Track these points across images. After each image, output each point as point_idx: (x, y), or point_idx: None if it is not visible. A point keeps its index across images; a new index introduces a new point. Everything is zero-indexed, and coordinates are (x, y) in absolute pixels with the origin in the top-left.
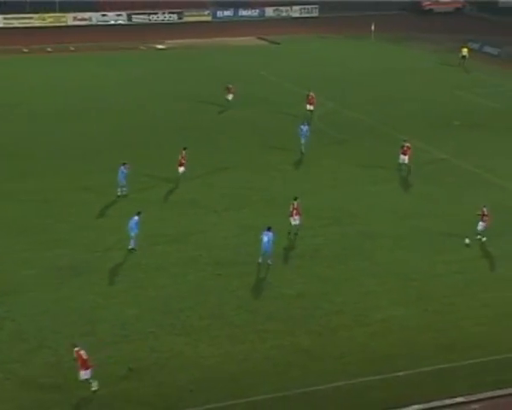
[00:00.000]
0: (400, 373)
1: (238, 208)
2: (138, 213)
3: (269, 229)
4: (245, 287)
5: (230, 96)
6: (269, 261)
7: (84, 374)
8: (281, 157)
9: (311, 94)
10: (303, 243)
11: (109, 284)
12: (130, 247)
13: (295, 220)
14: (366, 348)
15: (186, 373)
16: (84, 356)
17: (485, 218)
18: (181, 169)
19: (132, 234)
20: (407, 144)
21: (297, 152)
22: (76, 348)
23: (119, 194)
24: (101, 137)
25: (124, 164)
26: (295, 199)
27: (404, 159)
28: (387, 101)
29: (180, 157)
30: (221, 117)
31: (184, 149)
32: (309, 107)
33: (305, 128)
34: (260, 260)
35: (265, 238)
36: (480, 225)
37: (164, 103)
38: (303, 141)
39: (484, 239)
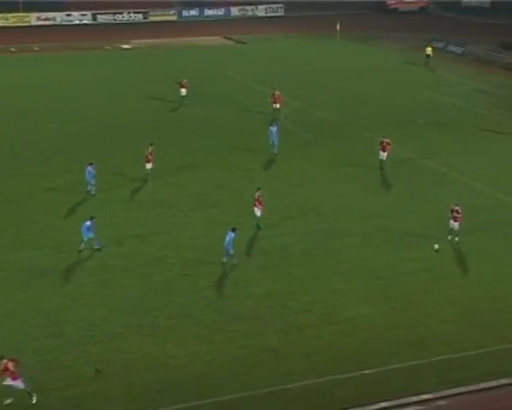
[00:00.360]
0: (368, 371)
1: (205, 208)
2: (91, 218)
3: (233, 230)
4: (212, 287)
5: (184, 91)
6: (234, 261)
7: (11, 381)
8: (248, 157)
9: (277, 92)
10: (270, 241)
11: (76, 286)
12: (80, 248)
13: (257, 211)
14: (333, 346)
15: (154, 374)
16: (12, 368)
17: (457, 217)
18: (148, 166)
19: (85, 238)
20: (386, 140)
21: (265, 152)
22: (4, 361)
23: (91, 192)
24: (65, 137)
25: (91, 164)
26: (258, 189)
27: (384, 155)
28: (353, 100)
29: (147, 153)
30: (187, 116)
31: (151, 144)
32: (275, 105)
33: (274, 129)
34: (224, 260)
35: (227, 238)
36: (453, 225)
37: (128, 103)
38: (271, 142)
39: (457, 239)
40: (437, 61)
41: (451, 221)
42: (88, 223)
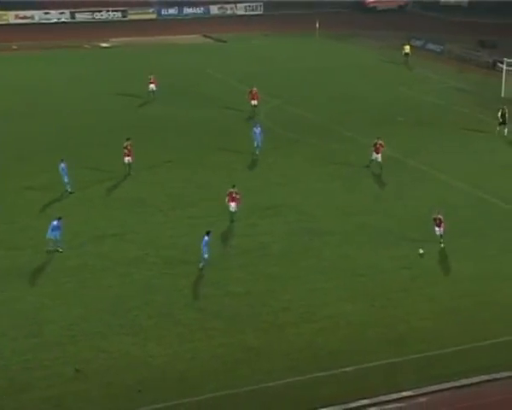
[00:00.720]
0: (348, 369)
1: (185, 207)
2: (59, 218)
3: (207, 233)
4: (192, 286)
5: (153, 87)
6: (201, 264)
7: None
8: (229, 156)
9: (254, 89)
10: (250, 240)
11: (55, 285)
12: (46, 249)
13: (232, 207)
14: (314, 344)
15: (134, 373)
16: None
17: (441, 224)
18: (126, 159)
19: (51, 237)
20: (380, 142)
21: (246, 150)
22: None
23: (67, 189)
24: (41, 137)
25: (62, 160)
26: (233, 186)
27: (377, 157)
28: (333, 98)
29: (124, 147)
30: (166, 115)
31: (127, 139)
32: (253, 102)
33: (257, 130)
34: (200, 266)
35: (202, 242)
36: (438, 231)
37: (107, 101)
38: (256, 144)
39: (442, 246)
40: (416, 59)
41: (436, 228)
42: (55, 222)
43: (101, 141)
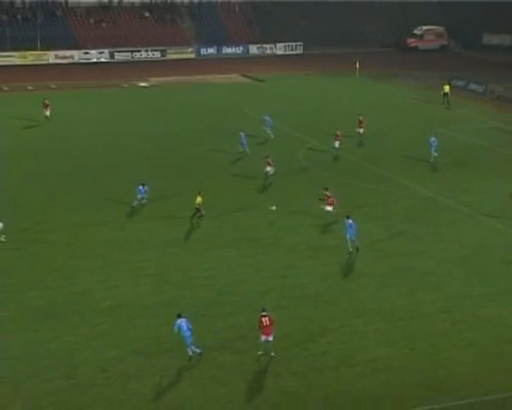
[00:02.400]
0: None
1: (221, 247)
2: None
3: (179, 316)
4: (228, 328)
5: (47, 113)
6: (189, 351)
7: None
8: (262, 196)
9: (361, 118)
10: (287, 281)
11: (90, 326)
12: None
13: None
14: (352, 388)
15: None
16: None
17: None
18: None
19: None
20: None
21: (279, 189)
22: None
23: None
24: (78, 175)
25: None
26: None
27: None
28: (370, 138)
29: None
30: (199, 155)
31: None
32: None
33: (242, 134)
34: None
35: (183, 324)
36: None
37: (142, 140)
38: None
39: None
40: (457, 99)
41: None
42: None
43: (134, 180)
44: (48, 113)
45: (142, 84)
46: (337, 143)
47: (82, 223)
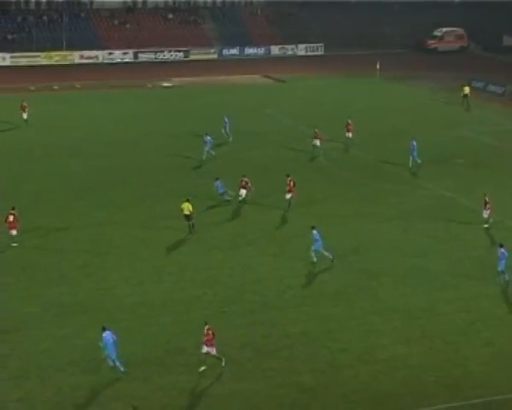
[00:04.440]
0: None
1: (243, 246)
2: None
3: (104, 329)
4: (249, 325)
5: (25, 115)
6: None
7: None
8: (281, 194)
9: (349, 121)
10: (306, 280)
11: (113, 322)
12: None
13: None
14: (370, 386)
15: None
16: None
17: (488, 206)
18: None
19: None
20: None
21: (302, 190)
22: None
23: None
24: (101, 174)
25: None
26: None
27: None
28: (388, 138)
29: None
30: (224, 156)
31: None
32: (347, 134)
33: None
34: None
35: (109, 337)
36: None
37: (163, 141)
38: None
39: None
40: (476, 100)
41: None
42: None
43: (157, 180)
44: (25, 116)
45: (166, 84)
46: (317, 142)
47: (106, 221)
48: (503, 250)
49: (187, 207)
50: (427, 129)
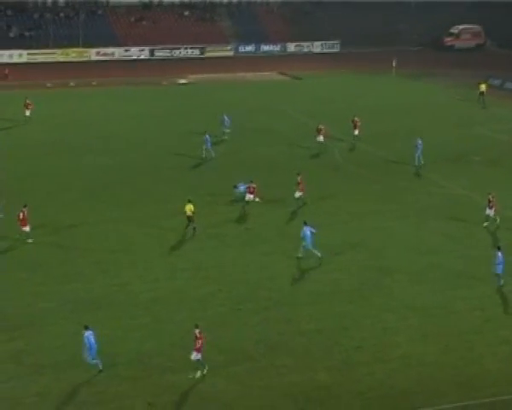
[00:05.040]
0: None
1: (257, 243)
2: None
3: (86, 327)
4: (264, 322)
5: (28, 112)
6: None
7: None
8: (290, 194)
9: (356, 119)
10: (321, 277)
11: (128, 318)
12: None
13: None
14: (385, 384)
15: (204, 408)
16: None
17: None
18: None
19: None
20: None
21: (313, 187)
22: None
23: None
24: (116, 171)
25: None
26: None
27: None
28: (404, 136)
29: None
30: (235, 152)
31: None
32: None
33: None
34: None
35: (91, 337)
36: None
37: (180, 139)
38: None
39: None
40: (493, 98)
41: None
42: None
43: (171, 176)
44: (28, 113)
45: (181, 81)
46: (321, 138)
47: (121, 218)
48: (499, 254)
49: (189, 209)
50: (442, 127)
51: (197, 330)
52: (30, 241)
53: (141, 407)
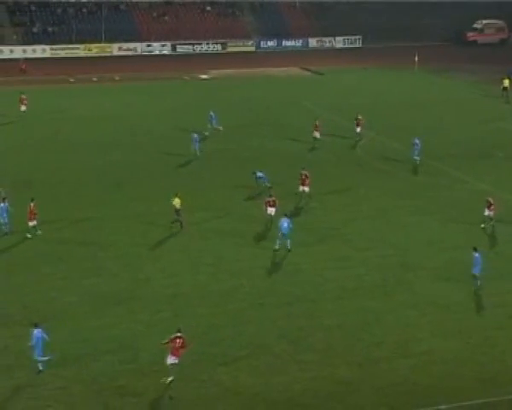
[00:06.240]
0: (442, 407)
1: (276, 239)
2: None
3: (36, 325)
4: (286, 317)
5: (23, 108)
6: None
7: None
8: (318, 188)
9: (359, 117)
10: (343, 273)
11: (150, 313)
12: None
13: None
14: (407, 380)
15: (225, 403)
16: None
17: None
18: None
19: None
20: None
21: (330, 180)
22: None
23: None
24: (136, 166)
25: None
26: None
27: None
28: (428, 131)
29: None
30: (261, 149)
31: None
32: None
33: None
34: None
35: (39, 335)
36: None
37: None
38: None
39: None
40: None
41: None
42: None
43: (194, 172)
44: (24, 108)
45: (203, 76)
46: (317, 134)
47: (142, 213)
48: (476, 255)
49: (177, 202)
50: (465, 122)
51: (178, 334)
52: (29, 236)
53: (163, 401)
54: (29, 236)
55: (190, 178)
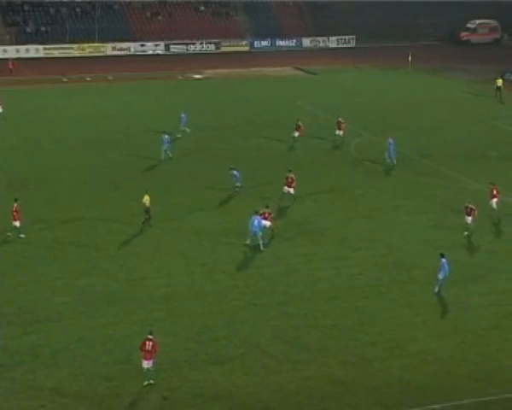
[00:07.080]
0: (436, 406)
1: (273, 238)
2: None
3: None
4: (280, 317)
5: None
6: None
7: None
8: (315, 187)
9: (340, 119)
10: (338, 272)
11: (145, 313)
12: None
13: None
14: (401, 379)
15: (220, 403)
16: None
17: (473, 212)
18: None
19: None
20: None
21: (327, 181)
22: None
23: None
24: (130, 167)
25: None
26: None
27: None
28: (421, 131)
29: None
30: (262, 147)
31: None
32: (338, 132)
33: (165, 138)
34: None
35: None
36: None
37: (197, 133)
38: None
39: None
40: (509, 93)
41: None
42: None
43: (191, 171)
44: (0, 109)
45: (197, 76)
46: (296, 134)
47: (137, 212)
48: (444, 261)
49: (146, 200)
50: (459, 122)
51: (149, 337)
52: (9, 234)
53: (156, 401)
54: (9, 234)
55: (185, 178)
